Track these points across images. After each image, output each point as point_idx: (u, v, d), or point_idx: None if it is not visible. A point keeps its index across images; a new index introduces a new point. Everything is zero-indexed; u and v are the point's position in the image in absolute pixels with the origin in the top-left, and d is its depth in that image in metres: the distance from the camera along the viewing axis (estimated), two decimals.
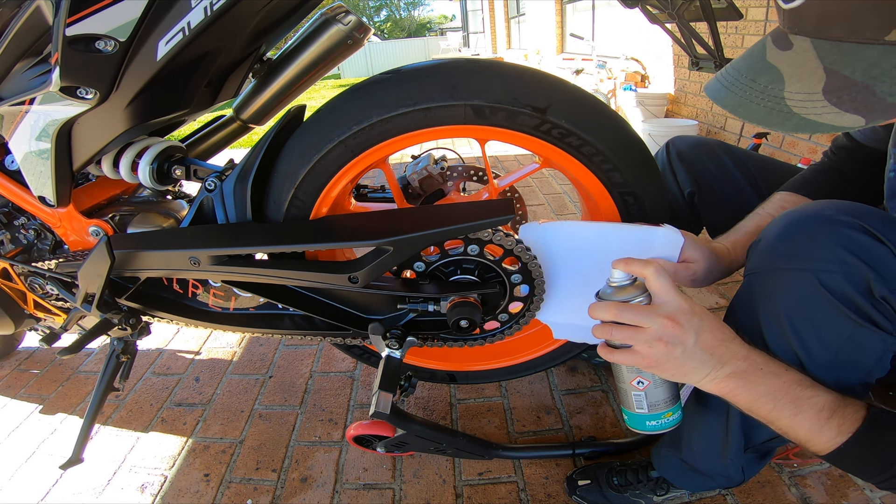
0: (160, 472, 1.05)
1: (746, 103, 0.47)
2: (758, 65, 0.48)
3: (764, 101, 0.46)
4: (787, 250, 0.56)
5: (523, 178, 0.99)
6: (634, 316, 0.54)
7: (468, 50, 14.12)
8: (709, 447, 0.73)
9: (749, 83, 0.48)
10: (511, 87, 0.70)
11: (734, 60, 0.54)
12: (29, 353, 1.52)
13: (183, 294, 0.99)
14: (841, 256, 0.52)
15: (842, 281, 0.52)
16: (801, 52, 0.44)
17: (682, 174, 0.98)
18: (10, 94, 0.76)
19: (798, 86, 0.43)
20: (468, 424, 1.11)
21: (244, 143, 3.94)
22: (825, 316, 0.54)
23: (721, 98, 0.50)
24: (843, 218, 0.53)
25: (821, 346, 0.56)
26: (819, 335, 0.56)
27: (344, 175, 0.79)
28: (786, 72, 0.45)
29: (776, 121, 0.44)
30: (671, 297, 0.54)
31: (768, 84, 0.46)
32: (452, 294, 0.82)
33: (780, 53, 0.46)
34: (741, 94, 0.48)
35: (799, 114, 0.43)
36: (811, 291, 0.54)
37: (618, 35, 4.46)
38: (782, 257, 0.57)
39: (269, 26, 0.80)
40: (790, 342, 0.57)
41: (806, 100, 0.42)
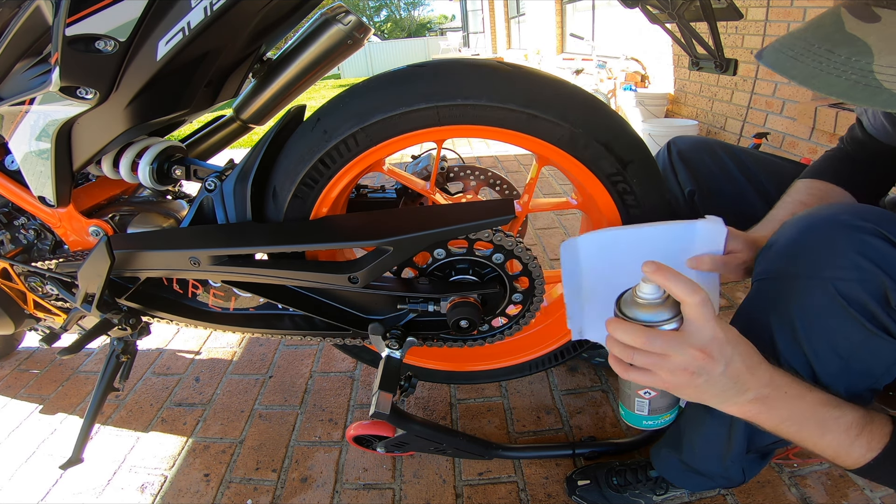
0: (160, 472, 1.05)
1: (823, 74, 0.42)
2: (834, 35, 0.43)
3: (847, 73, 0.41)
4: (802, 256, 0.54)
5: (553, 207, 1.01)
6: (664, 345, 0.47)
7: (468, 50, 14.11)
8: (710, 450, 0.73)
9: (825, 54, 0.43)
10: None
11: (795, 30, 0.48)
12: (29, 353, 1.52)
13: (183, 294, 0.99)
14: (858, 263, 0.50)
15: (858, 289, 0.51)
16: (893, 25, 0.40)
17: (682, 174, 0.98)
18: (10, 94, 0.76)
19: (890, 59, 0.39)
20: (468, 424, 1.11)
21: (244, 143, 3.94)
22: (839, 324, 0.53)
23: (787, 68, 0.45)
24: (860, 223, 0.51)
25: (833, 354, 0.55)
26: (832, 343, 0.55)
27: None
28: (874, 45, 0.41)
29: (863, 95, 0.40)
30: (708, 326, 0.46)
31: (851, 56, 0.41)
32: (452, 294, 0.82)
33: (863, 25, 0.42)
34: (815, 64, 0.43)
35: (891, 90, 0.39)
36: (827, 300, 0.53)
37: (618, 35, 4.46)
38: (798, 264, 0.55)
39: (269, 26, 0.80)
40: (802, 349, 0.56)
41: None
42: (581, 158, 0.76)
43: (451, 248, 0.80)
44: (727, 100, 2.93)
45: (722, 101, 2.98)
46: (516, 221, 1.02)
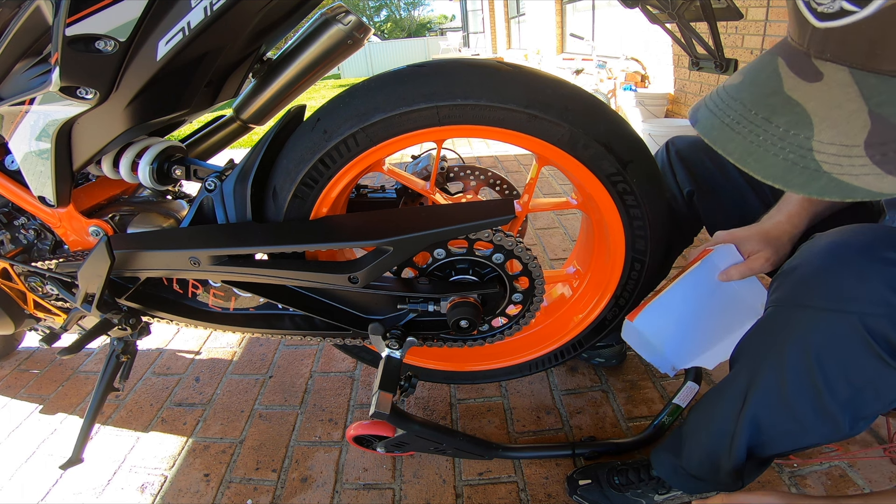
0: (160, 472, 1.05)
1: (759, 152, 0.37)
2: (772, 98, 0.38)
3: (784, 150, 0.36)
4: (829, 288, 0.53)
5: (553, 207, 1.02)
6: None
7: (468, 50, 14.11)
8: (710, 460, 0.73)
9: (762, 123, 0.38)
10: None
11: (732, 85, 0.43)
12: (29, 353, 1.52)
13: (183, 294, 0.99)
14: (890, 300, 0.49)
15: (886, 325, 0.49)
16: (837, 87, 0.35)
17: (681, 174, 0.98)
18: (10, 94, 0.76)
19: (832, 133, 0.34)
20: (468, 424, 1.11)
21: (244, 143, 3.94)
22: (858, 358, 0.52)
23: (723, 141, 0.40)
24: (893, 256, 0.50)
25: (846, 383, 0.55)
26: (847, 374, 0.54)
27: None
28: (815, 113, 0.35)
29: (799, 180, 0.35)
30: None
31: (790, 128, 0.36)
32: (452, 294, 0.82)
33: (803, 85, 0.37)
34: (751, 137, 0.38)
35: (829, 173, 0.34)
36: (851, 334, 0.51)
37: (618, 35, 4.46)
38: (824, 296, 0.53)
39: (269, 26, 0.80)
40: (812, 377, 0.56)
41: (841, 154, 0.34)
42: (581, 158, 0.76)
43: (451, 248, 0.80)
44: None
45: None
46: (516, 221, 1.02)
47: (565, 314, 1.05)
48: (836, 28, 0.34)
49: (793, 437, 0.62)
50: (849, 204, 0.79)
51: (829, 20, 0.34)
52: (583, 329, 1.00)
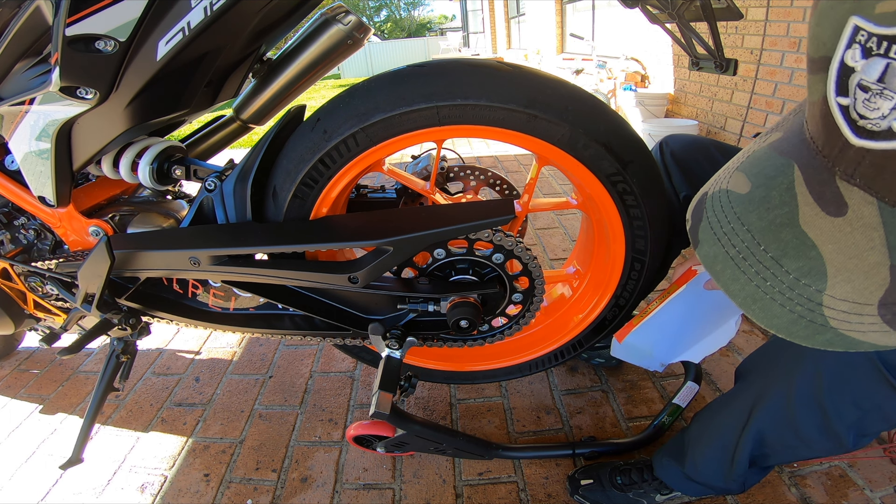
0: (160, 472, 1.05)
1: (765, 300, 0.33)
2: (784, 233, 0.33)
3: (791, 302, 0.32)
4: None
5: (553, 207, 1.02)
6: None
7: (468, 50, 14.11)
8: (713, 468, 0.74)
9: (772, 266, 0.33)
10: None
11: (736, 190, 0.37)
12: (29, 353, 1.52)
13: (183, 294, 0.99)
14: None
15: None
16: (860, 230, 0.29)
17: (676, 176, 0.96)
18: (10, 94, 0.76)
19: (846, 290, 0.30)
20: (468, 424, 1.11)
21: (244, 143, 3.94)
22: (870, 386, 0.52)
23: (727, 280, 0.36)
24: None
25: (853, 407, 0.55)
26: (855, 400, 0.54)
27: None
28: (831, 261, 0.31)
29: (803, 333, 0.32)
30: None
31: (801, 277, 0.32)
32: (452, 294, 0.82)
33: (822, 219, 0.31)
34: (758, 280, 0.34)
35: (836, 328, 0.31)
36: (865, 363, 0.51)
37: (618, 35, 4.46)
38: None
39: (269, 26, 0.80)
40: (820, 401, 0.56)
41: (852, 311, 0.30)
42: (581, 158, 0.76)
43: (451, 248, 0.80)
44: (727, 100, 2.93)
45: (722, 101, 2.98)
46: (516, 221, 1.02)
47: (565, 314, 1.05)
48: (877, 150, 0.28)
49: (795, 451, 0.63)
50: None
51: (872, 140, 0.28)
52: (583, 329, 1.00)
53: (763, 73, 2.57)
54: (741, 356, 1.22)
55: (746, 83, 2.71)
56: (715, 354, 1.23)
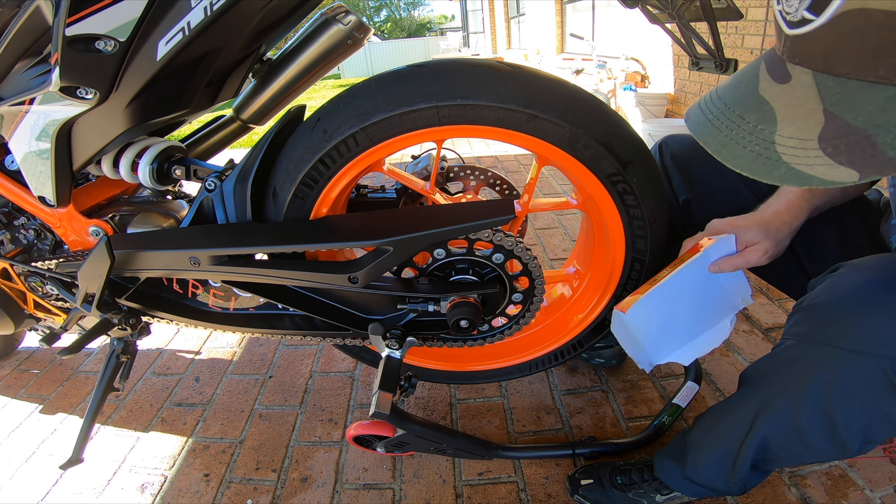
0: (160, 472, 1.05)
1: (731, 144, 0.43)
2: (747, 98, 0.44)
3: (751, 143, 0.41)
4: (862, 331, 0.52)
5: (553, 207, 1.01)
6: None
7: (468, 50, 14.12)
8: (714, 472, 0.74)
9: (737, 120, 0.44)
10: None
11: (722, 86, 0.49)
12: (29, 353, 1.52)
13: (183, 294, 0.99)
14: None
15: None
16: (800, 88, 0.39)
17: (676, 178, 0.94)
18: (10, 94, 0.76)
19: (791, 129, 0.39)
20: (468, 424, 1.11)
21: (244, 143, 3.94)
22: (879, 396, 0.52)
23: (704, 135, 0.46)
24: None
25: (862, 416, 0.55)
26: (865, 409, 0.54)
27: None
28: (779, 111, 0.40)
29: (762, 169, 0.40)
30: None
31: (758, 124, 0.42)
32: (452, 294, 0.82)
33: (774, 87, 0.42)
34: (727, 132, 0.44)
35: (788, 163, 0.39)
36: (876, 375, 0.51)
37: (618, 35, 4.47)
38: (855, 338, 0.53)
39: (269, 26, 0.80)
40: (829, 411, 0.56)
41: (798, 147, 0.38)
42: (581, 158, 0.76)
43: (451, 248, 0.80)
44: None
45: None
46: (516, 221, 1.02)
47: (565, 314, 1.05)
48: (800, 35, 0.38)
49: (799, 457, 0.63)
50: (850, 199, 0.79)
51: (796, 28, 0.38)
52: (583, 329, 1.00)
53: None
54: (741, 356, 1.22)
55: None
56: (715, 354, 1.23)
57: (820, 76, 0.38)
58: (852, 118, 0.36)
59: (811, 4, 0.36)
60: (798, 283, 0.78)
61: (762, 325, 1.33)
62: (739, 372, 0.75)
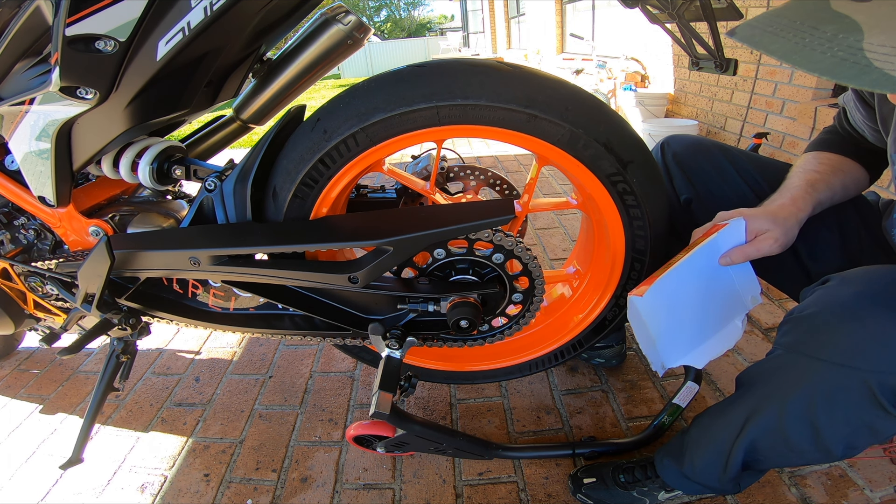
0: (160, 472, 1.05)
1: (806, 50, 0.38)
2: (819, 13, 0.39)
3: (833, 49, 0.37)
4: (848, 345, 0.53)
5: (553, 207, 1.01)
6: None
7: (468, 50, 14.12)
8: (709, 470, 0.76)
9: (809, 30, 0.38)
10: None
11: (774, 10, 0.43)
12: (29, 353, 1.52)
13: (183, 294, 0.99)
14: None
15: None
16: (886, 5, 0.36)
17: (678, 178, 0.94)
18: (10, 94, 0.76)
19: (882, 38, 0.35)
20: (468, 424, 1.11)
21: (244, 143, 3.94)
22: (862, 407, 0.53)
23: (765, 43, 0.40)
24: None
25: (844, 425, 0.56)
26: (847, 419, 0.55)
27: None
28: (864, 22, 0.37)
29: (850, 73, 0.35)
30: None
31: (838, 33, 0.37)
32: (452, 294, 0.82)
33: (852, 4, 0.38)
34: (796, 40, 0.39)
35: (881, 69, 0.34)
36: (860, 388, 0.52)
37: (618, 35, 4.47)
38: (841, 352, 0.53)
39: (269, 26, 0.80)
40: (813, 419, 0.57)
41: (892, 54, 0.34)
42: (581, 158, 0.76)
43: (451, 248, 0.80)
44: (727, 100, 2.93)
45: (722, 101, 2.98)
46: (516, 221, 1.02)
47: (565, 314, 1.05)
48: None
49: (787, 459, 0.66)
50: (851, 197, 0.80)
51: None
52: (583, 329, 1.00)
53: (763, 73, 2.57)
54: (741, 356, 1.22)
55: (746, 83, 2.71)
56: None
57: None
58: None
59: None
60: (798, 283, 0.79)
61: (762, 325, 1.33)
62: (739, 372, 0.75)
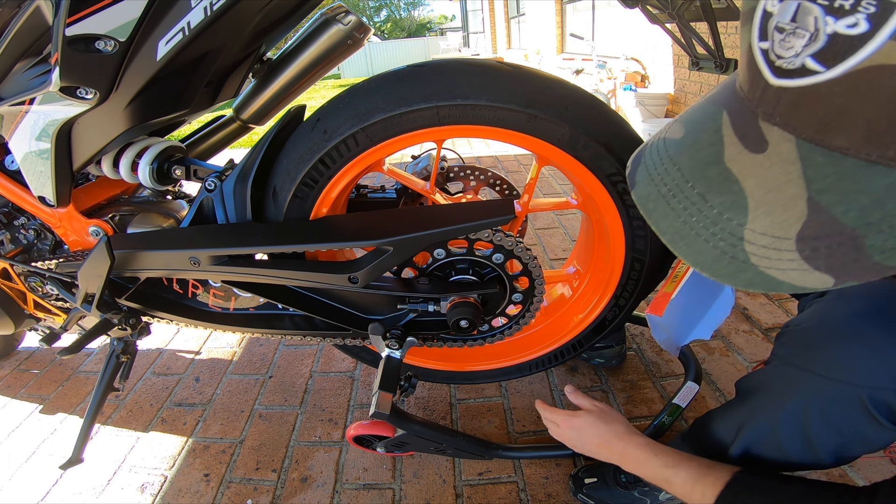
0: (160, 472, 1.05)
1: (691, 235, 0.35)
2: (710, 170, 0.35)
3: (715, 237, 0.34)
4: (843, 361, 0.52)
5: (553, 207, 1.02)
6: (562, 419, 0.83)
7: (468, 50, 14.12)
8: None
9: (697, 201, 0.35)
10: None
11: (673, 140, 0.39)
12: (29, 353, 1.52)
13: (183, 294, 0.99)
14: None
15: (891, 397, 0.50)
16: (779, 164, 0.31)
17: None
18: (10, 94, 0.76)
19: (766, 223, 0.31)
20: (468, 424, 1.11)
21: (244, 143, 3.94)
22: (855, 420, 0.53)
23: (658, 216, 0.37)
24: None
25: (836, 436, 0.56)
26: (839, 430, 0.55)
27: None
28: (752, 195, 0.32)
29: (726, 271, 0.33)
30: (582, 419, 0.80)
31: (724, 211, 0.33)
32: (452, 294, 0.82)
33: (745, 156, 0.33)
34: (685, 216, 0.35)
35: (757, 265, 0.32)
36: (853, 402, 0.52)
37: (618, 35, 4.47)
38: (836, 367, 0.53)
39: (269, 26, 0.80)
40: (806, 430, 0.58)
41: (771, 247, 0.31)
42: (581, 158, 0.76)
43: (451, 248, 0.80)
44: None
45: None
46: (516, 221, 1.02)
47: (565, 314, 1.05)
48: (792, 88, 0.29)
49: (779, 465, 0.66)
50: None
51: (787, 78, 0.29)
52: (583, 329, 1.00)
53: None
54: (741, 356, 1.22)
55: None
56: (715, 354, 1.23)
57: (807, 147, 0.30)
58: (841, 212, 0.29)
59: (821, 51, 0.27)
60: None
61: (762, 325, 1.33)
62: (739, 372, 0.76)
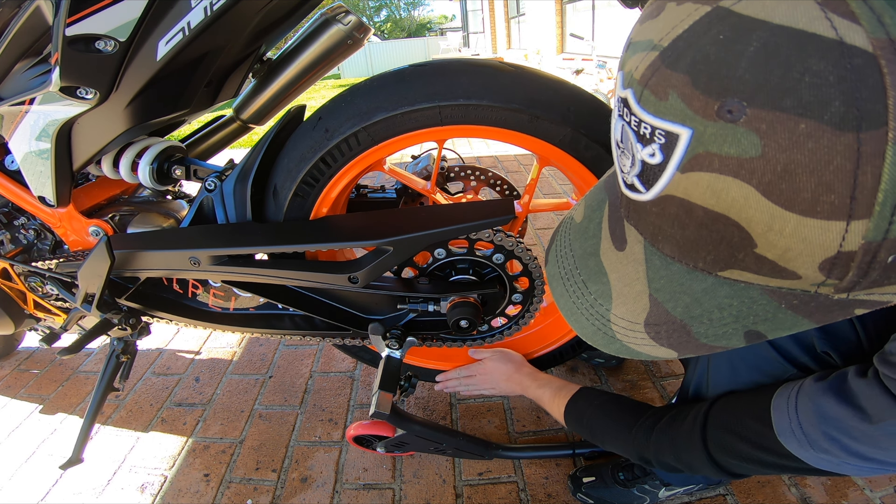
0: (160, 472, 1.05)
1: (578, 313, 0.43)
2: (590, 261, 0.42)
3: (592, 317, 0.41)
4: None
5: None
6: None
7: (468, 50, 14.12)
8: None
9: (581, 287, 0.43)
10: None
11: (576, 217, 0.46)
12: (29, 353, 1.52)
13: (183, 294, 0.99)
14: None
15: (789, 342, 0.55)
16: (631, 263, 0.38)
17: None
18: (10, 94, 0.76)
19: (623, 310, 0.39)
20: (468, 424, 1.11)
21: (244, 143, 3.94)
22: (757, 357, 0.58)
23: (557, 294, 0.45)
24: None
25: (727, 364, 0.61)
26: (729, 357, 0.61)
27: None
28: (614, 287, 0.40)
29: (602, 342, 0.41)
30: (489, 364, 1.00)
31: (597, 298, 0.41)
32: (452, 294, 0.82)
33: (612, 253, 0.40)
34: (574, 297, 0.43)
35: (621, 340, 0.39)
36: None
37: (618, 35, 4.47)
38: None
39: (269, 26, 0.80)
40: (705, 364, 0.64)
41: (629, 328, 0.39)
42: (582, 159, 0.76)
43: (452, 248, 0.80)
44: None
45: None
46: (516, 221, 1.02)
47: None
48: (632, 200, 0.35)
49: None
50: None
51: (629, 189, 0.34)
52: None
53: None
54: None
55: None
56: None
57: (650, 250, 0.36)
58: (671, 307, 0.35)
59: (640, 173, 0.32)
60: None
61: None
62: None
